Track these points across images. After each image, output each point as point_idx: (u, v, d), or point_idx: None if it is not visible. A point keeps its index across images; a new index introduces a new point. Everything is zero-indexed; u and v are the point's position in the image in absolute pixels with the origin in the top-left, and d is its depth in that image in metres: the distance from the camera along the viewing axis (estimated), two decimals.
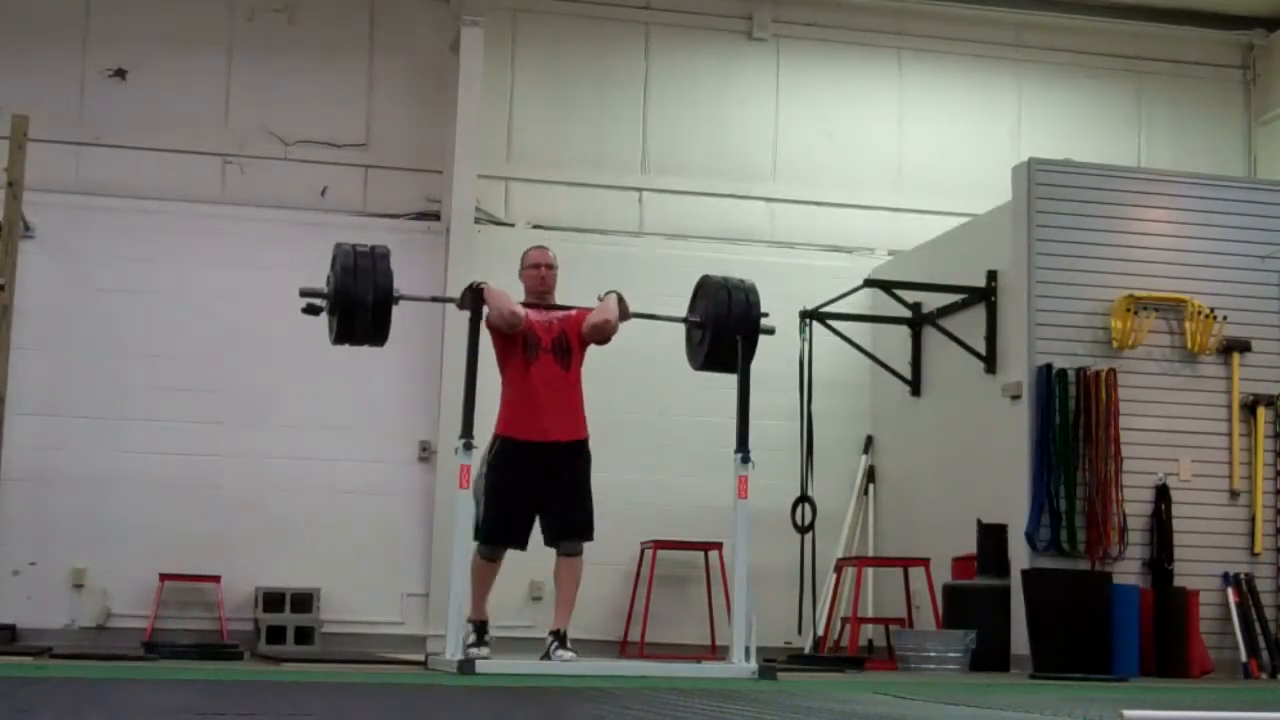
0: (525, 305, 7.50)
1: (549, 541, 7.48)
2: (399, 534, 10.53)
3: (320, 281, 7.27)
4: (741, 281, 7.56)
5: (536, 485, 7.35)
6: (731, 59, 11.71)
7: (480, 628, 7.50)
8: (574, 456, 7.45)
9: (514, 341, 7.37)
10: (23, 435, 9.89)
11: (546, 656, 7.43)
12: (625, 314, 7.60)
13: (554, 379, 7.38)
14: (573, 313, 7.58)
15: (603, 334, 7.54)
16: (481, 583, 7.42)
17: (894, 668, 9.19)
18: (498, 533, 7.29)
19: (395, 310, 7.21)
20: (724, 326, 7.43)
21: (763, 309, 7.61)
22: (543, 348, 7.40)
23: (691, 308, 7.75)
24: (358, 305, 7.00)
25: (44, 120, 10.03)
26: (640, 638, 10.33)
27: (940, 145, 11.86)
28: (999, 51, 12.11)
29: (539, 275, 7.63)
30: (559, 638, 7.45)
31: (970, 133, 11.92)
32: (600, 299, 7.61)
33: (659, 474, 10.83)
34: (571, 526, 7.43)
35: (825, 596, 10.50)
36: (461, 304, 7.41)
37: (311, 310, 7.14)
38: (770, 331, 7.55)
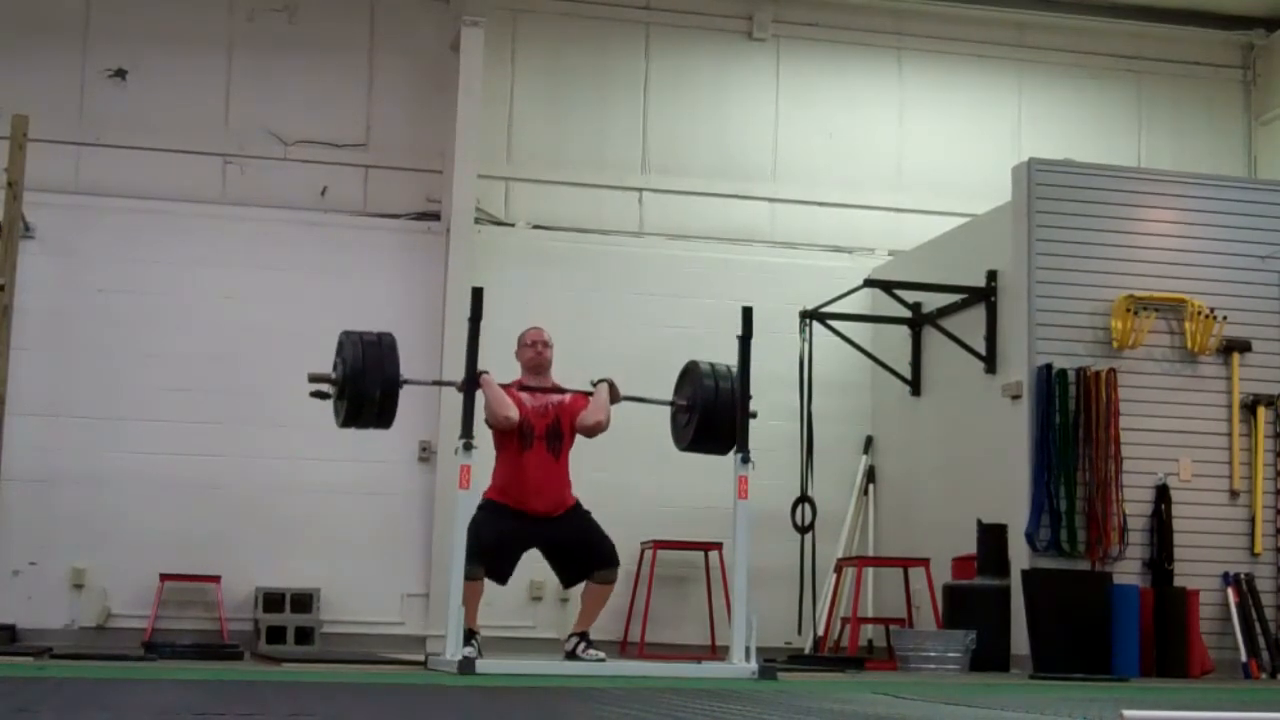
0: (521, 386, 7.73)
1: (566, 584, 7.87)
2: (399, 534, 10.53)
3: (318, 282, 7.31)
4: (729, 369, 7.65)
5: (529, 533, 7.63)
6: (731, 59, 11.70)
7: (468, 634, 7.51)
8: (568, 518, 7.71)
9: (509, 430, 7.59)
10: (23, 435, 9.88)
11: (573, 656, 7.66)
12: (616, 398, 7.83)
13: (545, 466, 7.65)
14: (567, 399, 7.79)
15: (594, 434, 7.80)
16: (469, 599, 7.44)
17: (894, 668, 9.19)
18: (478, 555, 7.34)
19: (395, 311, 7.27)
20: (711, 413, 7.58)
21: (762, 306, 7.68)
22: (536, 436, 7.65)
23: (678, 391, 7.89)
24: (366, 398, 7.20)
25: (44, 120, 10.02)
26: (640, 638, 10.33)
27: (940, 145, 11.85)
28: (999, 51, 12.11)
29: (535, 353, 7.85)
30: (586, 639, 7.71)
31: (970, 133, 11.92)
32: (593, 385, 7.79)
33: (659, 474, 10.81)
34: (596, 564, 7.71)
35: (825, 597, 10.50)
36: (462, 388, 7.41)
37: (319, 395, 7.32)
38: (753, 415, 7.57)
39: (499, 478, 7.69)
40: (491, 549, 7.47)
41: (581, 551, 7.71)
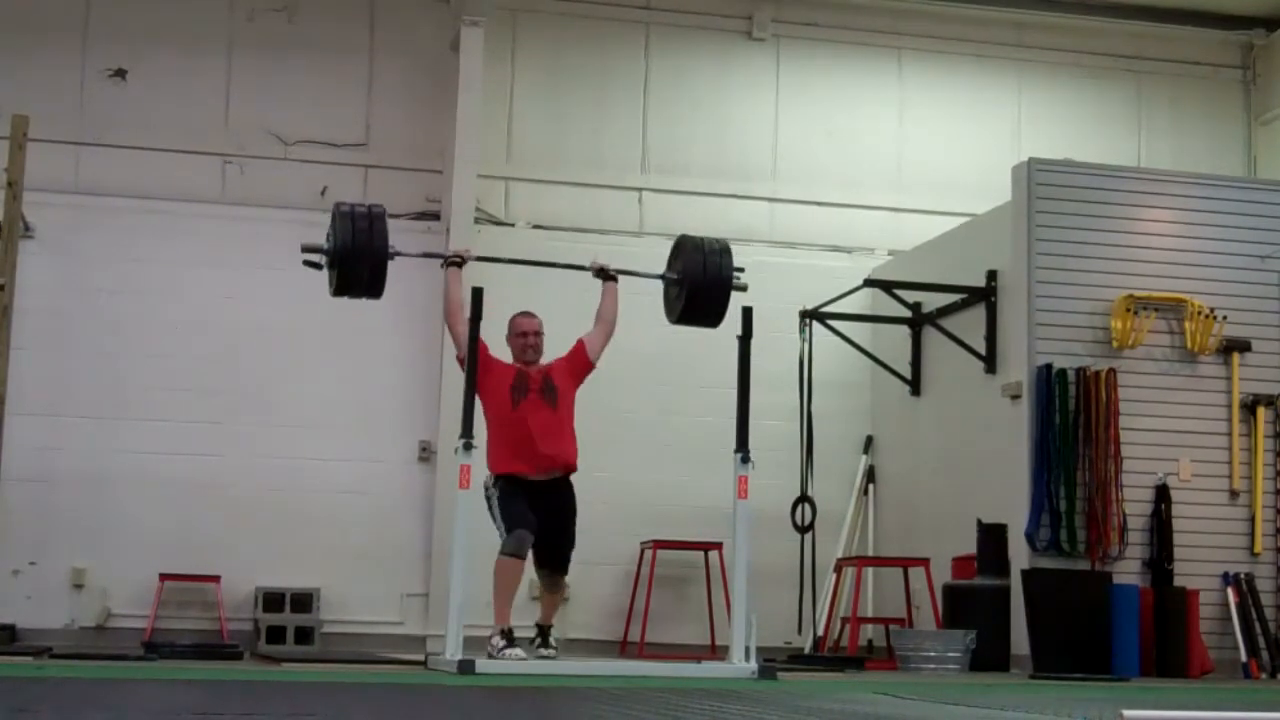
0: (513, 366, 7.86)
1: (538, 563, 7.87)
2: (399, 534, 10.53)
3: (318, 282, 7.35)
4: (716, 242, 7.76)
5: (538, 503, 7.66)
6: (731, 59, 11.70)
7: (508, 634, 7.51)
8: (564, 495, 7.80)
9: (501, 385, 7.63)
10: (23, 435, 9.88)
11: (529, 644, 7.83)
12: (612, 277, 8.04)
13: (543, 413, 7.71)
14: (553, 361, 7.91)
15: (611, 327, 8.04)
16: (506, 585, 7.50)
17: (894, 668, 9.19)
18: (516, 521, 7.46)
19: (395, 311, 7.30)
20: (699, 284, 7.67)
21: (762, 306, 7.71)
22: (532, 390, 7.71)
23: (670, 266, 7.94)
24: (356, 262, 7.30)
25: (44, 120, 10.02)
26: (640, 638, 10.33)
27: (940, 145, 11.85)
28: (999, 51, 12.11)
29: (525, 344, 7.93)
30: (544, 634, 7.92)
31: (970, 133, 11.92)
32: (594, 273, 8.01)
33: (659, 474, 10.83)
34: (556, 562, 7.85)
35: (825, 596, 10.50)
36: (445, 265, 7.86)
37: (312, 265, 7.42)
38: (743, 288, 7.68)
39: (499, 445, 7.63)
40: (522, 513, 7.51)
41: (557, 539, 7.75)
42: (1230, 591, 9.34)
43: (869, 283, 10.70)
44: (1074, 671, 8.43)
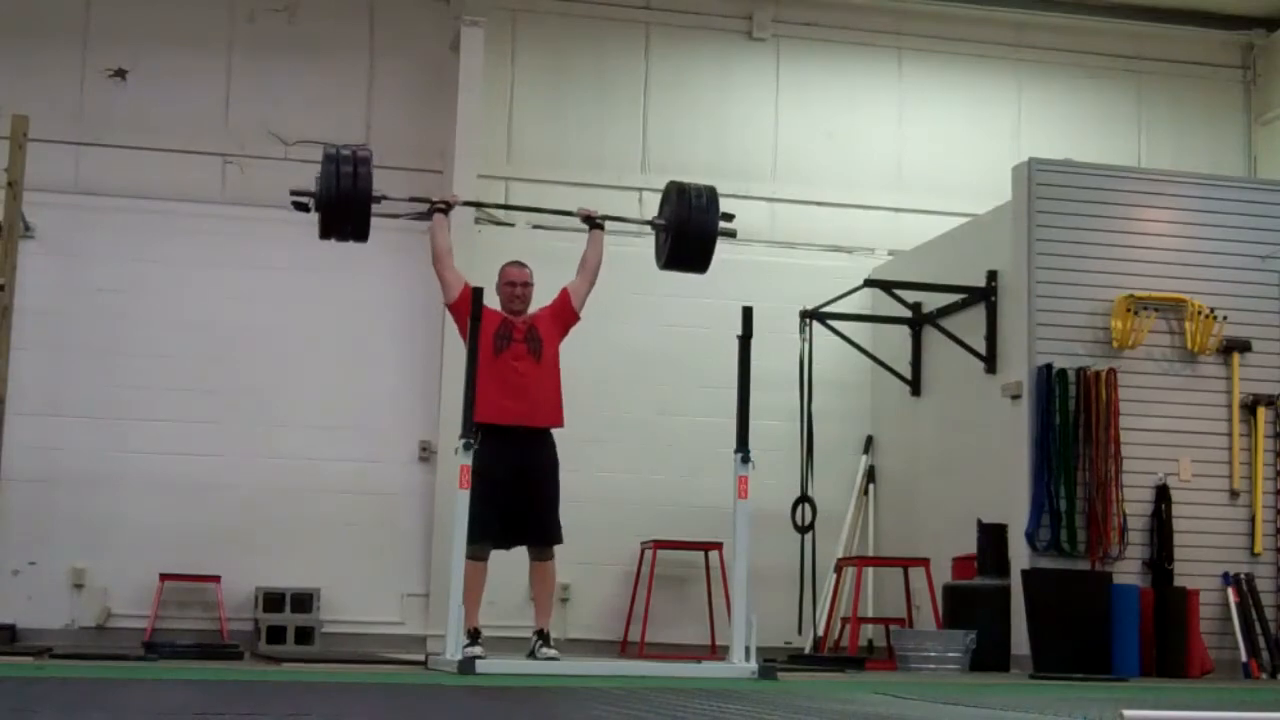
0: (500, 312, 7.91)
1: (519, 542, 7.83)
2: (399, 534, 10.54)
3: (318, 282, 7.38)
4: (704, 188, 7.86)
5: (510, 486, 7.61)
6: (731, 59, 11.70)
7: (473, 634, 7.50)
8: (543, 456, 7.77)
9: (485, 331, 7.57)
10: (23, 435, 9.88)
11: (532, 655, 7.71)
12: (599, 225, 8.19)
13: (526, 362, 7.77)
14: (538, 311, 8.01)
15: (595, 273, 8.15)
16: (470, 588, 7.40)
17: (894, 668, 9.18)
18: (480, 530, 7.29)
19: (395, 311, 7.30)
20: (685, 229, 7.79)
21: (762, 306, 7.74)
22: (515, 339, 7.79)
23: (659, 212, 8.05)
24: (341, 203, 7.40)
25: (44, 120, 10.02)
26: (640, 638, 10.33)
27: (940, 145, 11.85)
28: (999, 51, 12.11)
29: (513, 293, 8.01)
30: (544, 637, 7.75)
31: (970, 133, 11.91)
32: (582, 219, 8.17)
33: (659, 474, 10.83)
34: (541, 535, 7.79)
35: (825, 596, 10.50)
36: (427, 214, 8.04)
37: (300, 207, 7.50)
38: (732, 234, 7.83)
39: (480, 391, 7.39)
40: (487, 517, 7.39)
41: (534, 513, 7.72)
42: (1230, 591, 9.34)
43: (869, 283, 10.70)
44: (1074, 671, 8.43)
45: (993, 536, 9.31)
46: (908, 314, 10.77)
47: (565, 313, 8.01)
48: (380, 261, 10.72)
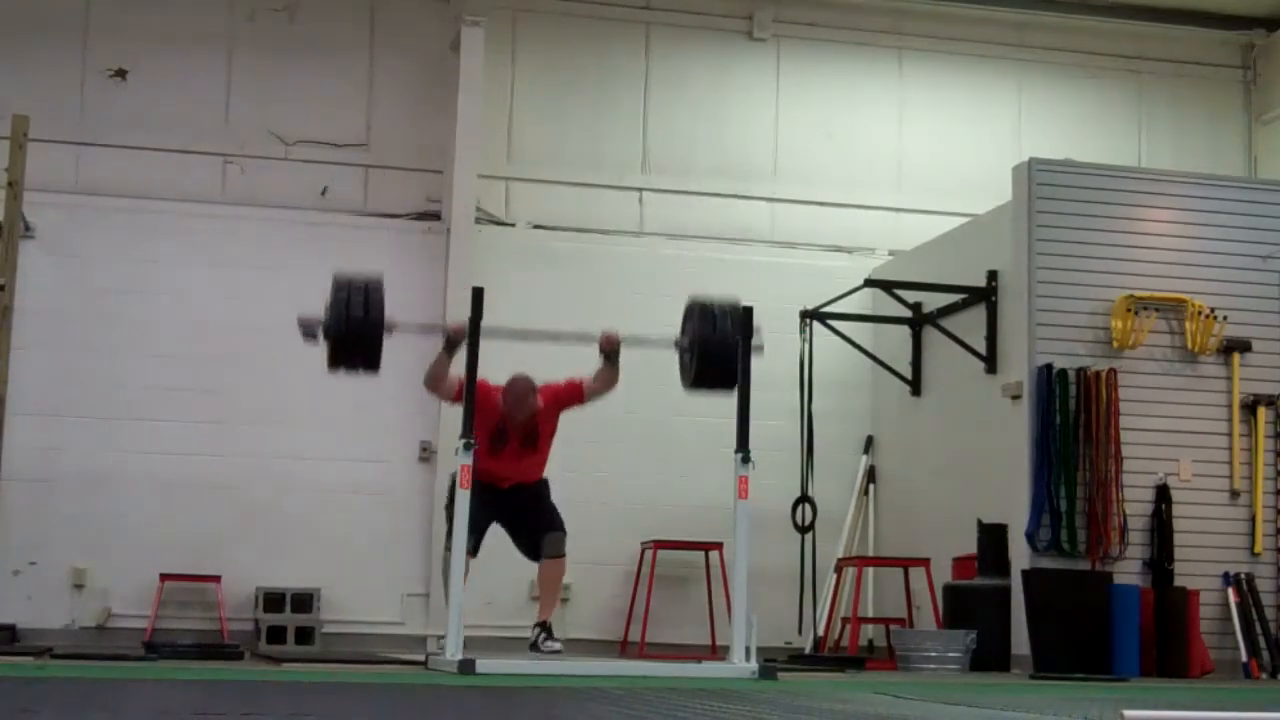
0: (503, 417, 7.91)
1: (533, 557, 8.01)
2: (399, 534, 10.53)
3: (318, 282, 7.34)
4: (725, 306, 7.48)
5: (495, 506, 7.81)
6: (731, 59, 11.70)
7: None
8: (531, 487, 8.02)
9: (482, 427, 7.51)
10: (23, 435, 9.88)
11: (535, 647, 7.83)
12: (616, 361, 7.93)
13: (521, 458, 7.96)
14: (540, 404, 7.95)
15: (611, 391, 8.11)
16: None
17: (894, 668, 9.18)
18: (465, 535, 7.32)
19: (395, 310, 7.29)
20: (708, 349, 7.42)
21: (762, 306, 7.69)
22: (510, 440, 7.90)
23: (681, 329, 7.73)
24: (350, 339, 7.15)
25: (44, 120, 10.02)
26: (640, 638, 10.33)
27: (940, 145, 11.85)
28: (999, 51, 12.11)
29: (519, 407, 7.91)
30: (546, 629, 7.85)
31: (970, 133, 11.91)
32: (608, 357, 7.86)
33: (659, 474, 10.83)
34: (548, 523, 7.97)
35: (825, 596, 10.50)
36: (446, 346, 7.69)
37: (308, 337, 7.28)
38: (760, 348, 7.50)
39: (477, 459, 7.47)
40: (472, 529, 7.41)
41: (533, 522, 7.91)
42: (1230, 591, 9.34)
43: (869, 283, 10.70)
44: (1074, 671, 8.43)
45: (993, 536, 9.31)
46: (908, 314, 10.77)
47: (571, 402, 8.06)
48: (380, 262, 10.71)
